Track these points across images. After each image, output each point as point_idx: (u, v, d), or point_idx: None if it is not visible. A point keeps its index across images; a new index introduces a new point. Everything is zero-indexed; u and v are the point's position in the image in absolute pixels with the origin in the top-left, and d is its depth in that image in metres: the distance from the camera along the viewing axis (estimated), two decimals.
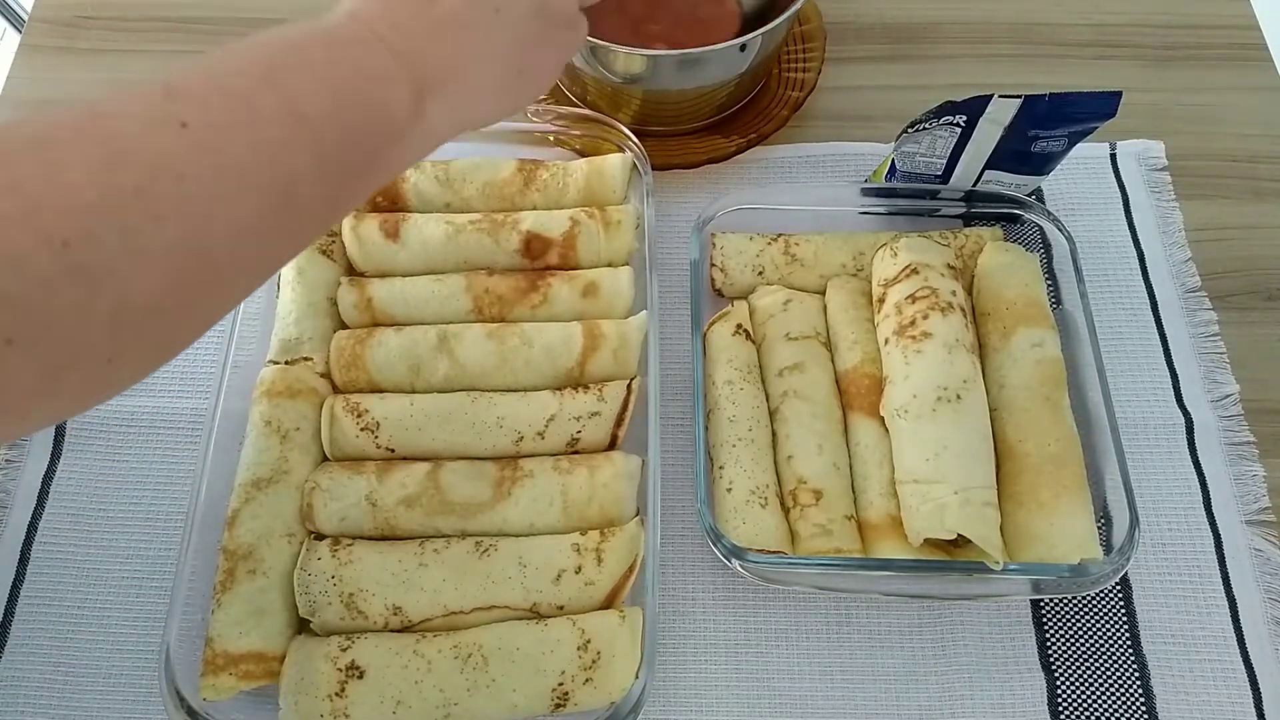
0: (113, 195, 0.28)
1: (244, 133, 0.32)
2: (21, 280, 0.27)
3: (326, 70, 0.35)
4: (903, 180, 0.66)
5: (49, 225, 0.27)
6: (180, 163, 0.30)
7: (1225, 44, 0.78)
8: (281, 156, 0.33)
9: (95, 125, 0.29)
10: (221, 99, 0.32)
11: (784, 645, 0.55)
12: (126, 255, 0.29)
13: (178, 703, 0.47)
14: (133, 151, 0.29)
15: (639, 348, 0.59)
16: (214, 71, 0.33)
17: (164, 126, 0.30)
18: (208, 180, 0.31)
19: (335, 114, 0.35)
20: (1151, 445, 0.60)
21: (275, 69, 0.34)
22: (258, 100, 0.33)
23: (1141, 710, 0.53)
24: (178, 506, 0.58)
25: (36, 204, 0.27)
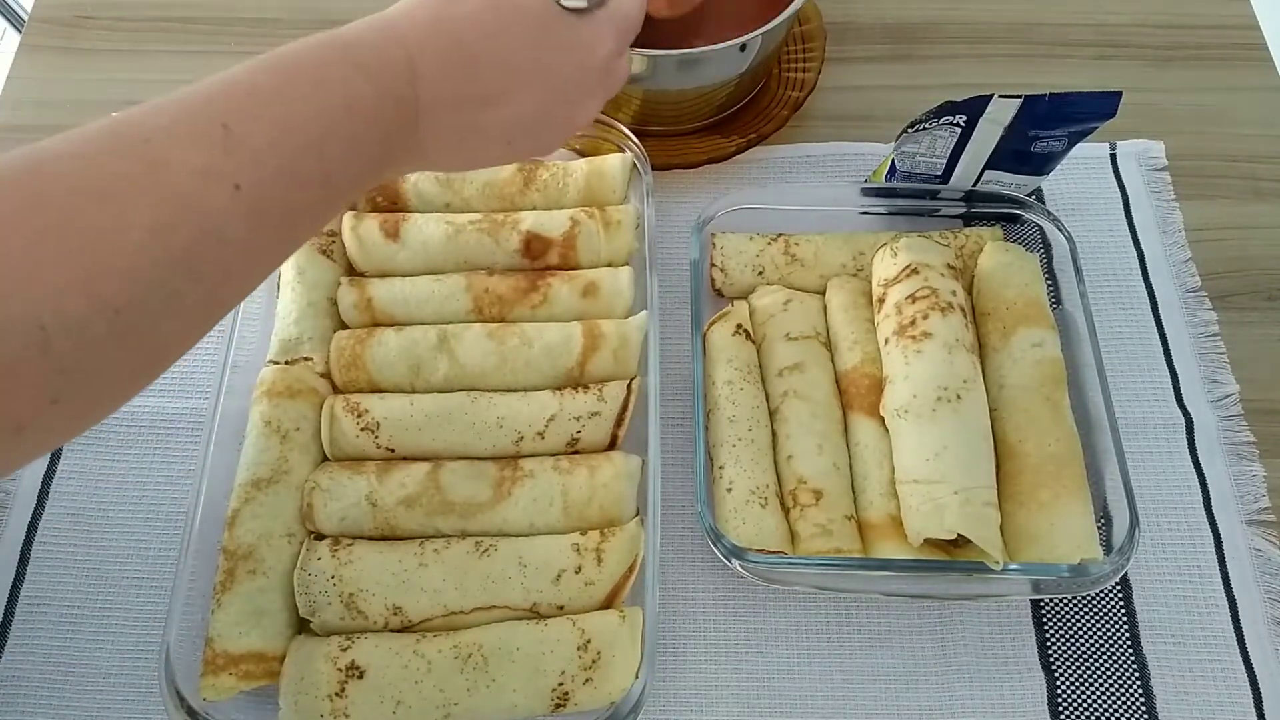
0: (165, 261, 0.29)
1: (284, 197, 0.33)
2: (76, 346, 0.27)
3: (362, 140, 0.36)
4: (903, 180, 0.66)
5: (106, 291, 0.28)
6: (226, 226, 0.31)
7: (1225, 44, 0.78)
8: (307, 217, 0.36)
9: (155, 179, 0.29)
10: (275, 162, 0.32)
11: (784, 645, 0.55)
12: (164, 316, 0.30)
13: (178, 703, 0.47)
14: (188, 213, 0.30)
15: (639, 348, 0.59)
16: (274, 121, 0.33)
17: (219, 185, 0.31)
18: (245, 242, 0.32)
19: (355, 180, 0.37)
20: (1151, 445, 0.60)
21: (326, 136, 0.34)
22: (304, 168, 0.34)
23: (1141, 710, 0.53)
24: (178, 506, 0.58)
25: (99, 269, 0.28)
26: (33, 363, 0.26)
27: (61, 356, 0.27)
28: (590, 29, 0.42)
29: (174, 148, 0.30)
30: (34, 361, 0.26)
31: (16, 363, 0.26)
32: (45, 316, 0.26)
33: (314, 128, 0.34)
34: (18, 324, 0.26)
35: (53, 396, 0.28)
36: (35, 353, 0.26)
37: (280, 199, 0.33)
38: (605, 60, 0.43)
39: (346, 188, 0.37)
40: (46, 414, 0.28)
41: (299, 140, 0.33)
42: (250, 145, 0.32)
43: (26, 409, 0.27)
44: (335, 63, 0.35)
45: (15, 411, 0.27)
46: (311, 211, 0.36)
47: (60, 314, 0.27)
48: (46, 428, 0.29)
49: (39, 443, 0.30)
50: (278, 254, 0.36)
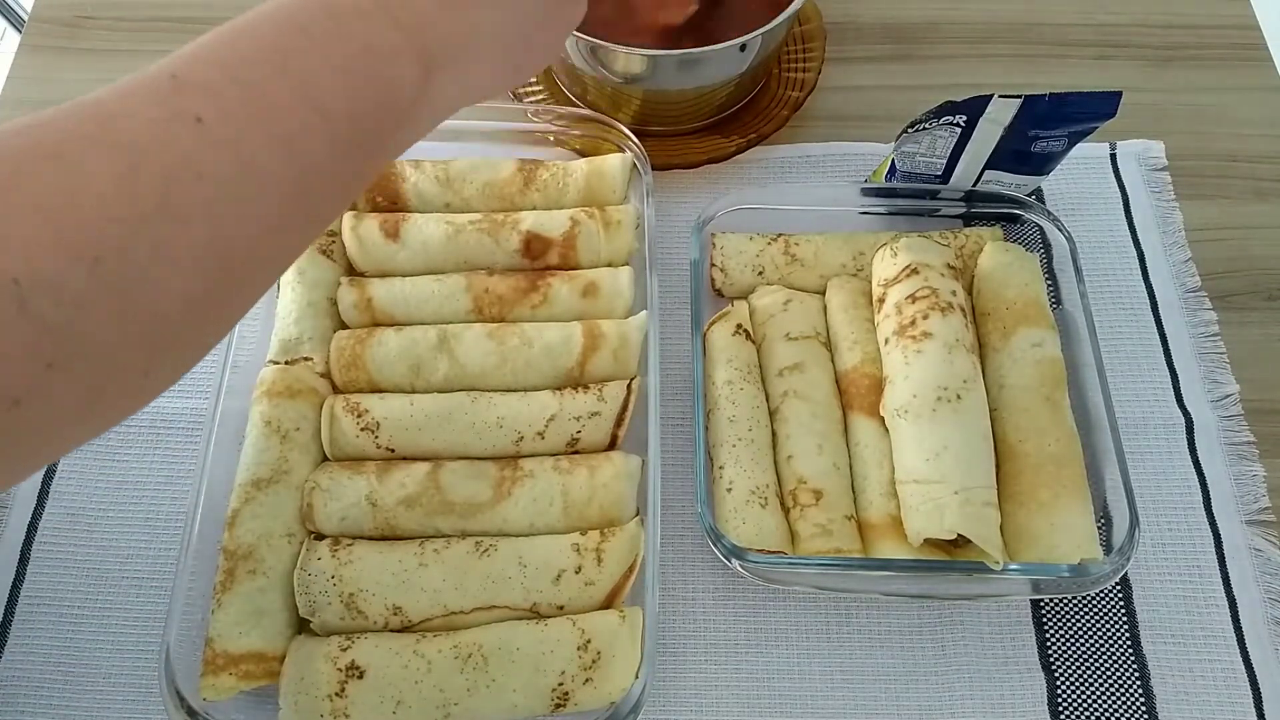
0: (138, 204, 0.27)
1: (260, 126, 0.31)
2: (57, 303, 0.26)
3: (336, 51, 0.33)
4: (903, 180, 0.66)
5: (79, 243, 0.26)
6: (199, 162, 0.29)
7: (1225, 44, 0.78)
8: (298, 148, 0.32)
9: (108, 131, 0.28)
10: (236, 90, 0.30)
11: (784, 645, 0.55)
12: (156, 264, 0.28)
13: (178, 703, 0.47)
14: (151, 155, 0.28)
15: (639, 348, 0.59)
16: (223, 59, 0.31)
17: (179, 123, 0.29)
18: (228, 178, 0.30)
19: (347, 98, 0.34)
20: (1151, 445, 0.60)
21: (286, 53, 0.32)
22: (271, 90, 0.31)
23: (1141, 710, 0.53)
24: (178, 506, 0.58)
25: (64, 222, 0.26)
26: (10, 321, 0.25)
27: (42, 314, 0.25)
28: None
29: (125, 101, 0.29)
30: (11, 319, 0.25)
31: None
32: (15, 270, 0.25)
33: (271, 51, 0.32)
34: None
35: (46, 360, 0.26)
36: (12, 309, 0.25)
37: (259, 130, 0.30)
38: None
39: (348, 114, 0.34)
40: (45, 383, 0.26)
41: (258, 68, 0.31)
42: (202, 81, 0.30)
43: (18, 377, 0.25)
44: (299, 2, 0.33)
45: (6, 380, 0.25)
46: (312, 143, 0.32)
47: (31, 268, 0.25)
48: (48, 401, 0.27)
49: (43, 424, 0.27)
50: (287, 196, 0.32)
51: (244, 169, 0.30)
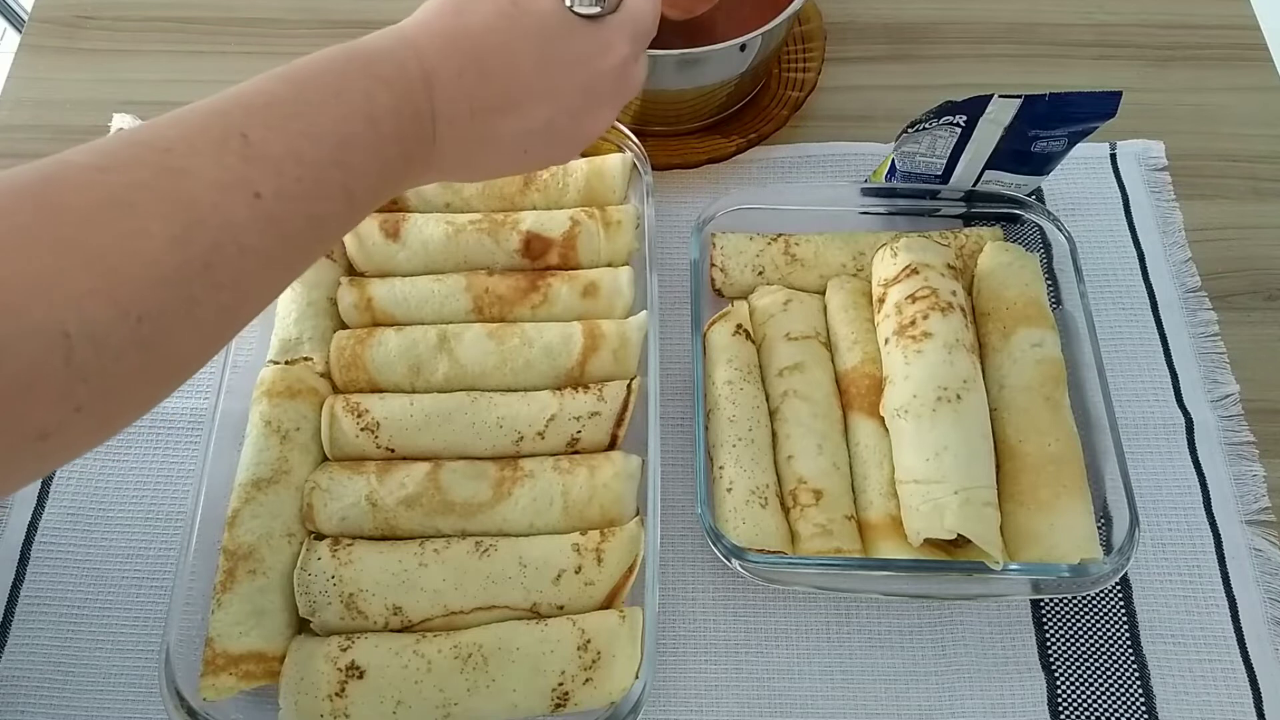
0: (185, 269, 0.29)
1: (306, 206, 0.33)
2: (98, 356, 0.27)
3: (384, 151, 0.36)
4: (903, 180, 0.66)
5: (128, 300, 0.28)
6: (246, 234, 0.31)
7: (1225, 44, 0.78)
8: (330, 227, 0.35)
9: (172, 187, 0.30)
10: (295, 169, 0.32)
11: (784, 645, 0.55)
12: (183, 325, 0.30)
13: (178, 703, 0.47)
14: (206, 221, 0.30)
15: (639, 348, 0.59)
16: (290, 129, 0.33)
17: (238, 193, 0.31)
18: (266, 251, 0.32)
19: (374, 194, 0.37)
20: (1151, 445, 0.60)
21: (346, 145, 0.34)
22: (324, 177, 0.34)
23: (1141, 710, 0.53)
24: (178, 506, 0.58)
25: (119, 279, 0.28)
26: (56, 370, 0.27)
27: (84, 364, 0.27)
28: (603, 34, 0.41)
29: (193, 157, 0.30)
30: (58, 369, 0.27)
31: (40, 369, 0.26)
32: (69, 323, 0.27)
33: (334, 138, 0.34)
34: (41, 330, 0.26)
35: (76, 405, 0.28)
36: (59, 360, 0.27)
37: (300, 209, 0.33)
38: (619, 66, 0.42)
39: (366, 200, 0.37)
40: (70, 422, 0.28)
41: (320, 150, 0.33)
42: (270, 154, 0.32)
43: (50, 417, 0.27)
44: (355, 75, 0.35)
45: (40, 419, 0.27)
46: (331, 222, 0.36)
47: (83, 321, 0.27)
48: (69, 436, 0.29)
49: (62, 451, 0.30)
50: (296, 265, 0.36)
51: (280, 244, 0.33)
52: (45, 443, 0.28)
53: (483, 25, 0.39)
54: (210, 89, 0.62)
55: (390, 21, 0.39)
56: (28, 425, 0.27)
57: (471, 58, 0.38)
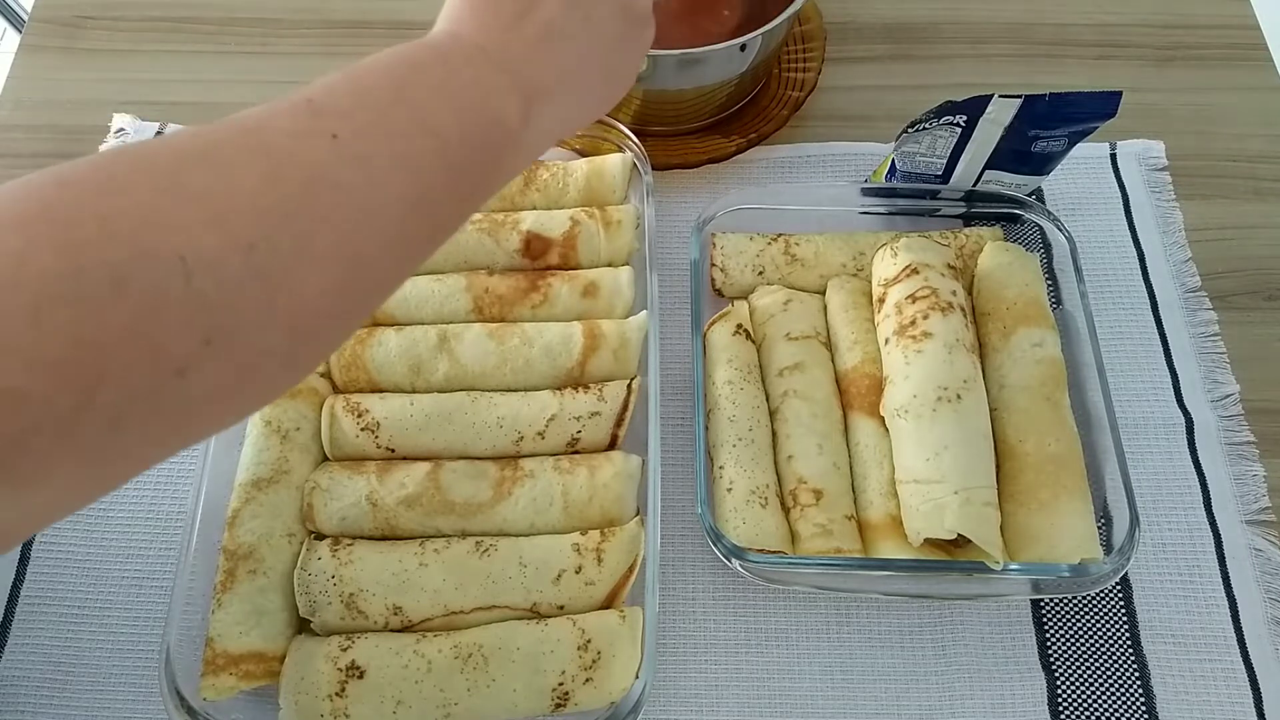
0: (284, 201, 0.30)
1: (385, 144, 0.34)
2: (217, 283, 0.28)
3: (446, 86, 0.37)
4: (903, 180, 0.66)
5: (236, 229, 0.28)
6: (334, 172, 0.32)
7: (1225, 44, 0.78)
8: (419, 167, 0.35)
9: (251, 139, 0.31)
10: (363, 114, 0.34)
11: (784, 645, 0.55)
12: (298, 258, 0.30)
13: (178, 702, 0.47)
14: (292, 162, 0.31)
15: (639, 348, 0.59)
16: (349, 87, 0.34)
17: (316, 139, 0.32)
18: (360, 189, 0.32)
19: (458, 126, 0.37)
20: (1151, 445, 0.60)
21: (402, 85, 0.35)
22: (393, 115, 0.34)
23: (1141, 710, 0.53)
24: (178, 506, 0.58)
25: (222, 209, 0.28)
26: (178, 294, 0.27)
27: (205, 291, 0.27)
28: None
29: (265, 119, 0.32)
30: (179, 293, 0.27)
31: (162, 293, 0.26)
32: (183, 248, 0.27)
33: (390, 80, 0.35)
34: (158, 253, 0.26)
35: (205, 336, 0.28)
36: (180, 283, 0.27)
37: (384, 148, 0.34)
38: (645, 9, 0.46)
39: (459, 138, 0.37)
40: (204, 357, 0.28)
41: (380, 95, 0.35)
42: (334, 107, 0.33)
43: (182, 347, 0.27)
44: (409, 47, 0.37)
45: (173, 350, 0.27)
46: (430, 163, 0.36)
47: (195, 247, 0.27)
48: (207, 377, 0.29)
49: (203, 398, 0.29)
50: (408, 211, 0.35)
51: (371, 183, 0.33)
52: (184, 380, 0.28)
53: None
54: (210, 89, 0.63)
55: (391, 21, 0.39)
56: (162, 357, 0.27)
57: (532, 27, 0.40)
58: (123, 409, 0.27)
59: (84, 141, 0.72)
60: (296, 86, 0.33)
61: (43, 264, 0.25)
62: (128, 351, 0.26)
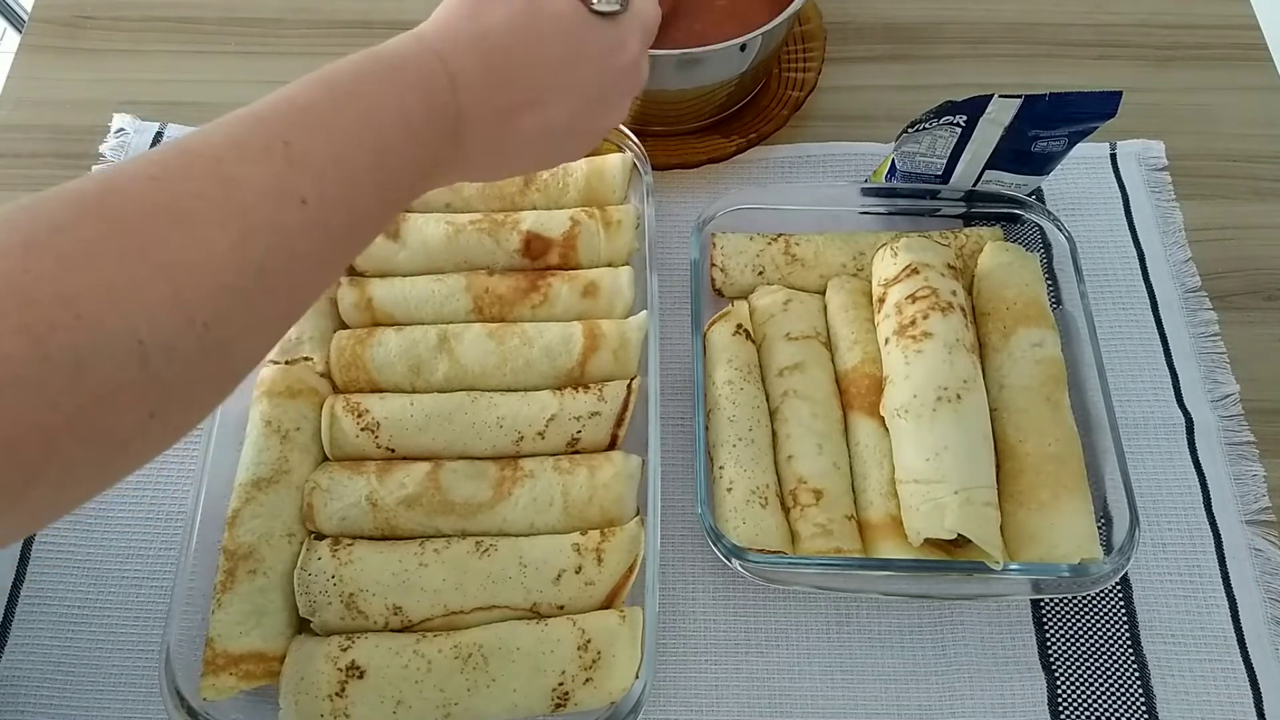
0: (244, 275, 0.30)
1: (347, 210, 0.34)
2: (170, 362, 0.28)
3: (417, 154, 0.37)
4: (903, 180, 0.66)
5: (194, 308, 0.29)
6: (296, 239, 0.32)
7: (1225, 44, 0.78)
8: (367, 227, 0.37)
9: (227, 198, 0.30)
10: (336, 174, 0.33)
11: (784, 645, 0.55)
12: (247, 330, 0.31)
13: (178, 702, 0.47)
14: (260, 228, 0.31)
15: (639, 348, 0.59)
16: (332, 136, 0.34)
17: (287, 201, 0.32)
18: (314, 253, 0.33)
19: (410, 193, 0.39)
20: (1151, 445, 0.60)
21: (385, 150, 0.35)
22: (364, 181, 0.35)
23: (1141, 710, 0.53)
24: (178, 506, 0.58)
25: (183, 286, 0.29)
26: (134, 378, 0.27)
27: (159, 371, 0.28)
28: (618, 32, 0.43)
29: (243, 166, 0.31)
30: (135, 377, 0.27)
31: (120, 379, 0.27)
32: (142, 332, 0.27)
33: (373, 143, 0.35)
34: (118, 340, 0.27)
35: (150, 411, 0.29)
36: (136, 368, 0.27)
37: (344, 213, 0.34)
38: (632, 62, 0.44)
39: (400, 200, 0.38)
40: (146, 429, 0.29)
41: (360, 157, 0.34)
42: (313, 162, 0.33)
43: (130, 425, 0.28)
44: (386, 78, 0.36)
45: (122, 428, 0.28)
46: (369, 224, 0.37)
47: (155, 330, 0.28)
48: (146, 444, 0.30)
49: (137, 459, 0.31)
50: (338, 266, 0.37)
51: (326, 246, 0.34)
52: (125, 452, 0.29)
53: (504, 26, 0.39)
54: (210, 89, 0.63)
55: (392, 21, 0.39)
56: (112, 435, 0.28)
57: (494, 59, 0.39)
58: (67, 480, 0.28)
59: (84, 141, 0.72)
60: None
61: (6, 348, 0.25)
62: (79, 432, 0.27)
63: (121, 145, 0.72)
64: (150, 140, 0.72)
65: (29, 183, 0.72)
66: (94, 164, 0.71)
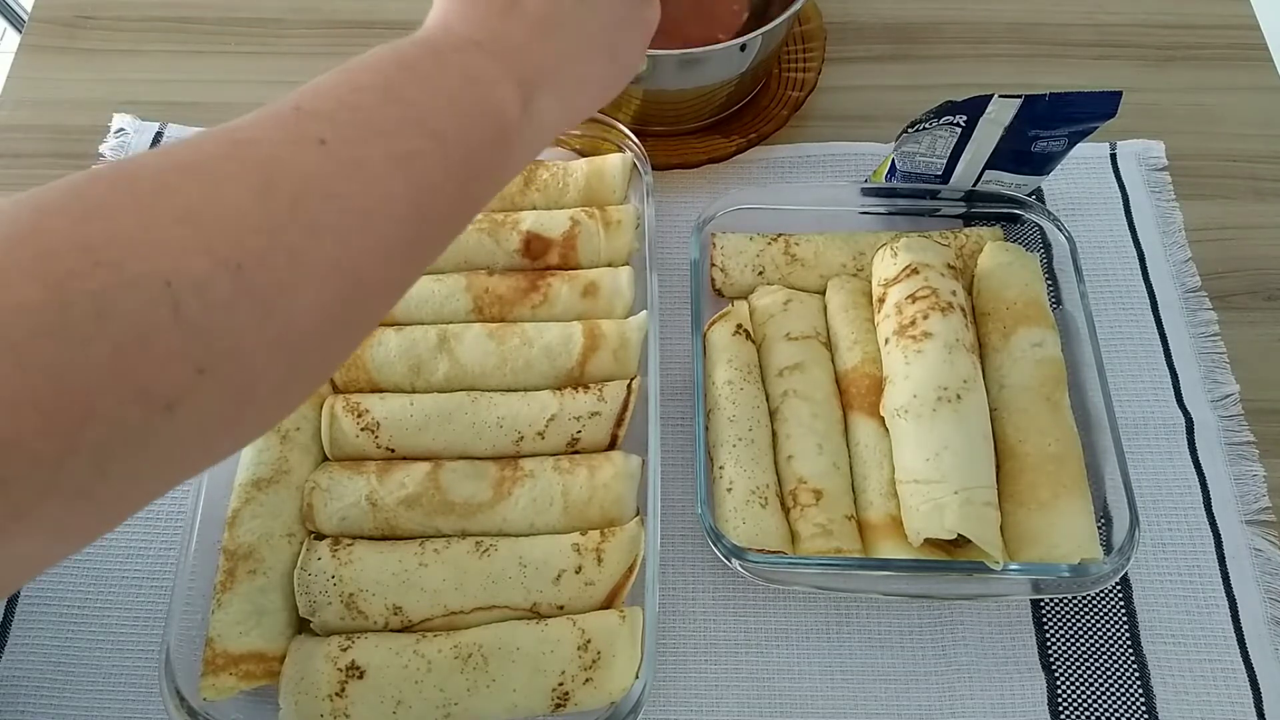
0: (274, 215, 0.29)
1: (378, 146, 0.32)
2: (206, 308, 0.26)
3: (439, 81, 0.35)
4: (903, 180, 0.66)
5: (224, 249, 0.27)
6: (327, 180, 0.30)
7: (1225, 44, 0.78)
8: (415, 167, 0.33)
9: (239, 150, 0.29)
10: (350, 115, 0.32)
11: (784, 645, 0.55)
12: (292, 275, 0.29)
13: (178, 702, 0.47)
14: (282, 172, 0.29)
15: (639, 348, 0.59)
16: (337, 90, 0.33)
17: (305, 145, 0.30)
18: (355, 195, 0.31)
19: (454, 120, 0.35)
20: (1151, 445, 0.60)
21: (392, 84, 0.34)
22: (383, 114, 0.33)
23: (1141, 710, 0.53)
24: (178, 506, 0.58)
25: (208, 229, 0.27)
26: (165, 324, 0.25)
27: (194, 318, 0.26)
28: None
29: (253, 129, 0.30)
30: (166, 322, 0.25)
31: (149, 323, 0.25)
32: (168, 273, 0.25)
33: (379, 78, 0.34)
34: (142, 281, 0.25)
35: (198, 365, 0.26)
36: (166, 312, 0.25)
37: (377, 149, 0.32)
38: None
39: (458, 134, 0.35)
40: (196, 388, 0.26)
41: (368, 95, 0.33)
42: (321, 110, 0.32)
43: (173, 380, 0.26)
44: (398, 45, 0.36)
45: (162, 383, 0.26)
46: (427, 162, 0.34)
47: (182, 271, 0.26)
48: (201, 407, 0.27)
49: (197, 429, 0.28)
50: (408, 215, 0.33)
51: (366, 187, 0.31)
52: (175, 415, 0.26)
53: None
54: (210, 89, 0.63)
55: (393, 21, 0.39)
56: (152, 391, 0.25)
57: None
58: (110, 450, 0.25)
59: (84, 141, 0.72)
60: (296, 87, 0.33)
61: (23, 297, 0.23)
62: (115, 387, 0.25)
63: (121, 145, 0.72)
64: (150, 140, 0.72)
65: (29, 183, 0.70)
66: (94, 164, 0.71)
